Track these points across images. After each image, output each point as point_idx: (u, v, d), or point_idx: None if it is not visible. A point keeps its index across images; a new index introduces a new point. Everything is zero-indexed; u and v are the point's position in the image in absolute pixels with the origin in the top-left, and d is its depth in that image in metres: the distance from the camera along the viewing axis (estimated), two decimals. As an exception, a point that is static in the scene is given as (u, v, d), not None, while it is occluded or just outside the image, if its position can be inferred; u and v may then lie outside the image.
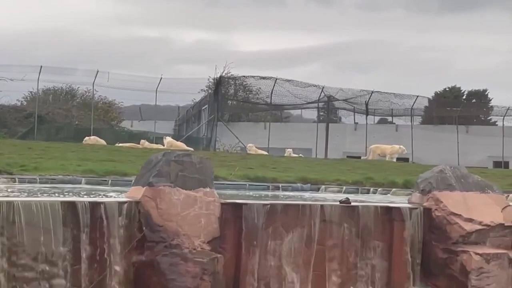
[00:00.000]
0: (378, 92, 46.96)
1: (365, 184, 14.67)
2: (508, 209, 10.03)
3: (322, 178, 14.89)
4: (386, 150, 41.58)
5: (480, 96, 67.78)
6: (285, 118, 59.40)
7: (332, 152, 50.50)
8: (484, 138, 52.38)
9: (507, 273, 9.54)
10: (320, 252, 9.18)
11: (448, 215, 9.79)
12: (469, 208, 9.89)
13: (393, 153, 41.32)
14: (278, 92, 47.63)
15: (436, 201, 9.93)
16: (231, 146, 42.03)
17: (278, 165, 18.88)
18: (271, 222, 8.85)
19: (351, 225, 9.39)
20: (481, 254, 9.47)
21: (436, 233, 9.83)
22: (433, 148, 52.25)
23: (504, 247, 9.78)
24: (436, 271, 9.75)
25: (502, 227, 9.82)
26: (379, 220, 9.57)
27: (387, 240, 9.60)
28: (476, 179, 10.37)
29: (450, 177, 10.21)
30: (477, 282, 9.42)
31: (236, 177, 14.11)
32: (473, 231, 9.71)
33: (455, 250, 9.62)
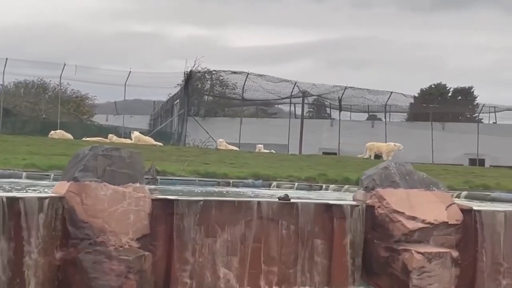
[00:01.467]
0: (351, 88, 46.91)
1: (318, 180, 14.55)
2: (452, 207, 9.93)
3: (275, 174, 14.76)
4: (381, 148, 41.40)
5: (466, 94, 67.91)
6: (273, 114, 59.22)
7: (308, 148, 50.47)
8: (460, 135, 52.51)
9: (449, 273, 9.43)
10: (257, 250, 9.05)
11: (391, 212, 9.67)
12: (413, 205, 9.79)
13: (389, 151, 41.08)
14: (251, 87, 47.49)
15: (379, 198, 9.81)
16: (201, 141, 41.87)
17: (237, 160, 18.74)
18: (204, 219, 8.71)
19: (290, 222, 9.26)
20: (423, 253, 9.36)
21: (379, 231, 9.72)
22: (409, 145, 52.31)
23: (448, 246, 9.68)
24: (378, 270, 9.63)
25: (446, 225, 9.72)
26: (319, 218, 9.44)
27: (328, 238, 9.48)
28: (421, 176, 10.27)
29: (395, 174, 10.10)
30: (419, 282, 9.32)
31: (186, 172, 13.95)
32: (416, 229, 9.60)
33: (397, 249, 9.50)
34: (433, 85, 67.67)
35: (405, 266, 9.37)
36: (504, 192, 14.02)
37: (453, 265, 9.48)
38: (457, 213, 9.87)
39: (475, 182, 15.01)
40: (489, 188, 14.41)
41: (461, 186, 14.59)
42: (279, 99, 46.75)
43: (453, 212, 9.88)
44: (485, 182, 14.89)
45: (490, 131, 52.20)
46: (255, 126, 56.15)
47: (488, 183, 14.86)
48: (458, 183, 14.84)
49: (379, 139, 51.77)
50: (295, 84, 44.69)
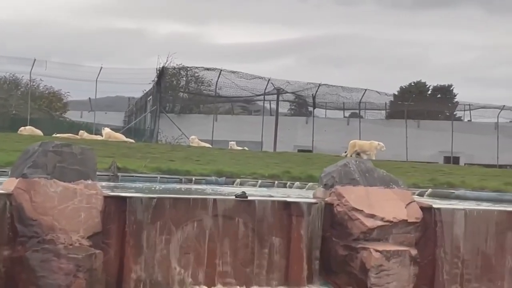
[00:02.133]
0: (325, 85, 46.93)
1: (282, 177, 14.49)
2: (412, 205, 9.89)
3: (239, 171, 14.68)
4: (364, 146, 41.13)
5: (445, 92, 68.14)
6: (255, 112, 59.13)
7: (283, 145, 50.44)
8: (435, 133, 52.71)
9: (408, 271, 9.39)
10: (212, 249, 8.97)
11: (349, 210, 9.61)
12: (372, 203, 9.73)
13: (372, 150, 40.85)
14: (226, 84, 47.40)
15: (338, 196, 9.76)
16: (174, 138, 41.71)
17: (204, 157, 18.64)
18: (158, 216, 8.62)
19: (247, 220, 9.18)
20: (381, 251, 9.31)
21: (338, 229, 9.66)
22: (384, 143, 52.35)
23: (407, 244, 9.64)
24: (336, 268, 9.58)
25: (405, 223, 9.67)
26: (277, 215, 9.37)
27: (285, 236, 9.40)
28: (381, 173, 10.22)
29: (354, 171, 10.05)
30: (377, 280, 9.27)
31: (148, 169, 13.84)
32: (374, 227, 9.55)
33: (355, 247, 9.45)
34: (412, 83, 67.86)
35: (363, 264, 9.32)
36: (469, 190, 14.04)
37: (412, 263, 9.43)
38: (416, 211, 9.83)
39: (440, 180, 15.01)
40: (453, 186, 14.41)
41: (426, 183, 14.58)
42: (253, 96, 46.71)
43: (412, 210, 9.84)
44: (449, 180, 14.89)
45: (465, 129, 52.46)
46: (230, 123, 56.04)
47: (453, 181, 14.85)
48: (423, 180, 14.82)
49: (355, 137, 51.82)
50: (269, 80, 44.63)
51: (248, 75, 44.44)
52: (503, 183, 14.74)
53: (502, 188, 14.12)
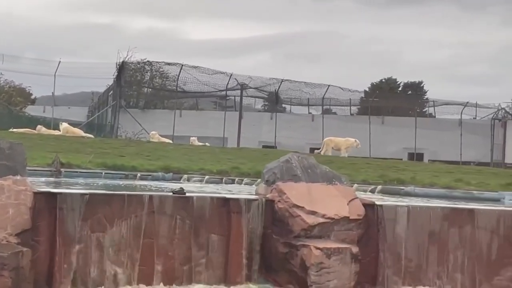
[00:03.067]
0: (288, 81, 46.86)
1: (230, 173, 14.37)
2: (354, 202, 9.80)
3: (186, 167, 14.53)
4: (340, 143, 40.81)
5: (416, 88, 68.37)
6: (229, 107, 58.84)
7: (248, 141, 50.27)
8: (399, 130, 52.84)
9: (349, 269, 9.30)
10: (149, 246, 8.82)
11: (290, 207, 9.50)
12: (313, 200, 9.64)
13: (348, 147, 40.58)
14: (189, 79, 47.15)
15: (280, 192, 9.64)
16: (134, 134, 41.43)
17: (156, 153, 18.46)
18: (91, 213, 8.45)
19: (184, 217, 9.04)
20: (322, 249, 9.21)
21: (278, 226, 9.55)
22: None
23: (349, 242, 9.55)
24: (277, 266, 9.47)
25: (347, 220, 9.58)
26: (216, 212, 9.24)
27: (224, 234, 9.28)
28: (324, 169, 10.14)
29: (296, 167, 9.95)
30: (317, 278, 9.17)
31: (93, 165, 13.64)
32: (315, 224, 9.45)
33: (295, 244, 9.35)
34: (383, 80, 68.08)
35: (304, 262, 9.22)
36: (419, 186, 14.02)
37: (353, 261, 9.34)
38: (359, 208, 9.75)
39: (390, 176, 14.97)
40: (403, 182, 14.36)
41: (375, 180, 14.52)
42: (216, 92, 46.53)
43: (355, 206, 9.75)
44: (400, 177, 14.85)
45: (429, 126, 52.65)
46: (195, 118, 55.79)
47: (403, 177, 14.82)
48: (373, 177, 14.78)
49: (319, 132, 51.88)
50: (231, 76, 44.49)
51: (210, 70, 44.29)
52: (453, 180, 14.72)
53: (452, 185, 14.11)
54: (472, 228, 9.97)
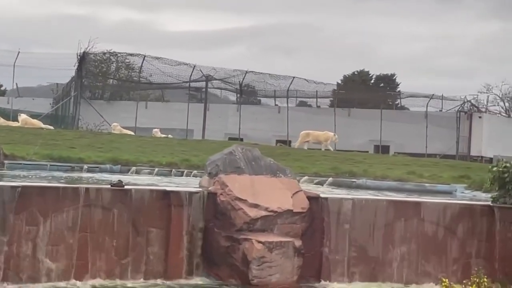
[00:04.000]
0: (252, 72, 46.58)
1: (180, 166, 14.21)
2: (299, 194, 9.70)
3: (136, 159, 14.35)
4: (319, 137, 40.34)
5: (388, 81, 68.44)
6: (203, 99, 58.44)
7: (214, 133, 49.97)
8: (365, 122, 52.84)
9: (292, 263, 9.20)
10: (84, 240, 8.66)
11: (233, 200, 9.38)
12: (257, 192, 9.52)
13: (326, 140, 40.20)
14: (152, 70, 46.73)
15: (222, 185, 9.52)
16: (95, 125, 41.01)
17: (109, 145, 18.24)
18: (24, 206, 8.27)
19: (122, 210, 8.89)
20: (264, 243, 9.10)
21: (221, 219, 9.42)
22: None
23: (293, 235, 9.45)
24: (219, 260, 9.34)
25: (291, 213, 9.48)
26: (156, 205, 9.11)
27: (164, 227, 9.14)
28: (268, 162, 10.03)
29: (240, 159, 9.83)
30: (259, 272, 9.06)
31: (39, 156, 13.42)
32: (258, 217, 9.34)
33: (237, 238, 9.23)
34: (355, 72, 68.07)
35: (245, 256, 9.10)
36: (370, 179, 13.95)
37: (296, 255, 9.24)
38: (303, 200, 9.65)
39: (342, 168, 14.87)
40: (355, 175, 14.28)
41: (328, 172, 14.44)
42: (180, 83, 46.19)
43: (299, 199, 9.65)
44: (352, 169, 14.75)
45: (395, 118, 52.68)
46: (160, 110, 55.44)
47: (355, 169, 14.72)
48: (326, 169, 14.69)
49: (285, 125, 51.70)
50: (194, 67, 44.17)
51: (173, 61, 43.96)
52: (406, 172, 14.67)
53: (404, 178, 14.05)
54: (418, 221, 9.90)
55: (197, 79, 46.25)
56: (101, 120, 42.15)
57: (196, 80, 45.85)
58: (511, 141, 53.20)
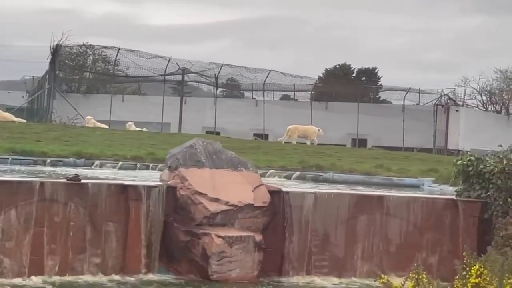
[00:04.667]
0: (228, 66, 46.47)
1: (145, 159, 14.09)
2: (260, 188, 9.60)
3: (100, 153, 14.21)
4: (307, 131, 40.16)
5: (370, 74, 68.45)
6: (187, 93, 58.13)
7: (191, 126, 49.80)
8: (343, 116, 52.83)
9: (252, 258, 9.11)
10: (40, 235, 8.52)
11: (192, 194, 9.27)
12: (217, 186, 9.42)
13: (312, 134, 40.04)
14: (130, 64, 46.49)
15: (182, 178, 9.41)
16: (69, 119, 40.79)
17: (76, 138, 18.08)
18: (-24, 200, 8.12)
19: (79, 204, 8.76)
20: (224, 237, 9.01)
21: (181, 214, 9.32)
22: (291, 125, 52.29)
23: (254, 230, 9.35)
24: (178, 255, 9.24)
25: (251, 207, 9.38)
26: (113, 199, 8.98)
27: (123, 222, 9.02)
28: (229, 155, 9.92)
29: (200, 152, 9.72)
30: (218, 268, 8.97)
31: (0, 150, 13.23)
32: (218, 212, 9.24)
33: (197, 233, 9.13)
34: (337, 66, 68.01)
35: (205, 251, 9.00)
36: (338, 172, 13.88)
37: (257, 249, 9.15)
38: (264, 194, 9.56)
39: (309, 162, 14.78)
40: (322, 168, 14.20)
41: (295, 166, 14.37)
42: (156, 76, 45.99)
43: (260, 193, 9.56)
44: (319, 163, 14.67)
45: (372, 112, 52.73)
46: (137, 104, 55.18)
47: (322, 163, 14.63)
48: (293, 163, 14.61)
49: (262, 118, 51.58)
50: (169, 60, 43.97)
51: (147, 54, 43.76)
52: (374, 166, 14.60)
53: (371, 171, 13.98)
54: (381, 215, 9.83)
55: (173, 72, 46.07)
56: (75, 113, 41.92)
57: (172, 73, 45.68)
58: (488, 134, 53.35)
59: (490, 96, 59.27)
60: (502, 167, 10.00)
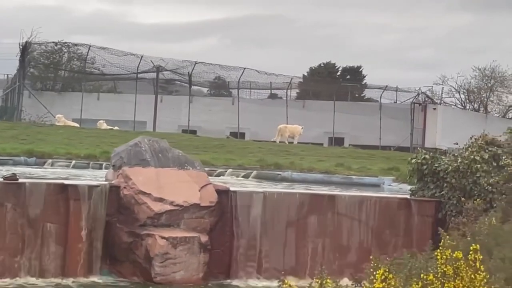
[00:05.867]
0: (202, 63, 46.13)
1: (99, 158, 13.86)
2: (207, 188, 9.40)
3: (53, 151, 13.96)
4: (295, 130, 40.20)
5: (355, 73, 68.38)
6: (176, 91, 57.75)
7: (167, 125, 49.45)
8: (320, 114, 52.69)
9: (197, 259, 8.91)
10: (-27, 237, 8.29)
11: (136, 194, 9.07)
12: (162, 186, 9.22)
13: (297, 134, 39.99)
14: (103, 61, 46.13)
15: (126, 178, 9.20)
16: (38, 117, 40.43)
17: (34, 137, 17.80)
18: None
19: (15, 204, 8.53)
20: (168, 238, 8.80)
21: (124, 214, 9.11)
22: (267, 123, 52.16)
23: (201, 230, 9.16)
24: (121, 257, 9.03)
25: (198, 207, 9.18)
26: (53, 199, 8.75)
27: (63, 222, 8.80)
28: (176, 154, 9.72)
29: (146, 151, 9.51)
30: (162, 269, 8.76)
31: None
32: (163, 212, 9.03)
33: (140, 234, 8.92)
34: (322, 64, 67.87)
35: (148, 252, 8.80)
36: (296, 171, 13.70)
37: (202, 250, 8.96)
38: (211, 194, 9.36)
39: (268, 161, 14.58)
40: (281, 167, 14.00)
41: (253, 164, 14.17)
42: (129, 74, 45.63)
43: (207, 193, 9.36)
44: (277, 161, 14.46)
45: (349, 110, 52.59)
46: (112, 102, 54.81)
47: (280, 162, 14.42)
48: (252, 162, 14.42)
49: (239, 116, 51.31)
50: (141, 58, 43.64)
51: (119, 51, 43.38)
52: (334, 165, 14.40)
53: (331, 170, 13.79)
54: (332, 215, 9.66)
55: (148, 70, 45.74)
56: (45, 111, 41.57)
57: (146, 71, 45.35)
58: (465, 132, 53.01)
59: (468, 94, 59.22)
60: (456, 165, 9.85)
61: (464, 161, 9.84)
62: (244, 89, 52.65)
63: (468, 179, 9.74)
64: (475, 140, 10.36)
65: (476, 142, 10.21)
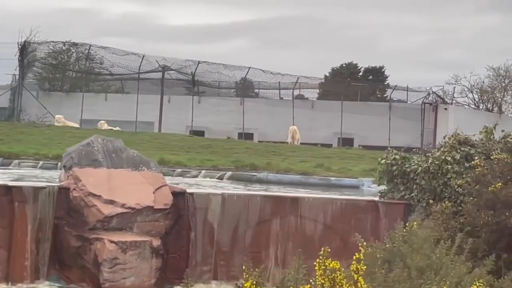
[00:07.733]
0: (205, 63, 45.90)
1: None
2: (162, 189, 9.09)
3: (20, 151, 13.71)
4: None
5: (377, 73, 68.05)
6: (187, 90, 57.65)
7: (175, 126, 49.23)
8: (329, 114, 52.33)
9: (149, 264, 8.61)
10: None
11: (86, 196, 8.76)
12: (114, 188, 8.91)
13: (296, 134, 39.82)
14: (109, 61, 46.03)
15: (75, 179, 8.90)
16: (38, 117, 40.36)
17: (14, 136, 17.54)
18: None
19: (-44, 207, 8.26)
20: (117, 243, 8.50)
21: (74, 217, 8.82)
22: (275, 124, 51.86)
23: (155, 234, 8.86)
24: (70, 261, 8.74)
25: (151, 210, 8.87)
26: (-4, 202, 8.47)
27: (7, 226, 8.52)
28: (131, 154, 9.41)
29: (98, 151, 9.20)
30: (111, 275, 8.46)
31: None
32: (113, 215, 8.73)
33: (88, 238, 8.62)
34: (344, 64, 67.57)
35: (96, 257, 8.50)
36: (273, 172, 13.36)
37: (154, 255, 8.65)
38: (167, 196, 9.05)
39: (244, 161, 14.23)
40: (256, 168, 13.67)
41: (228, 165, 13.84)
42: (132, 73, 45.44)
43: (162, 195, 9.04)
44: (253, 162, 14.11)
45: (359, 110, 52.21)
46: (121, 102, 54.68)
47: (256, 162, 14.08)
48: (227, 162, 14.08)
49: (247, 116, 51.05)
50: (143, 57, 43.44)
51: (120, 51, 43.22)
52: (314, 165, 14.03)
53: (309, 171, 13.43)
54: (295, 218, 9.33)
55: (153, 69, 45.55)
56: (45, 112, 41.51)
57: (151, 70, 45.15)
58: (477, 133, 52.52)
59: (482, 94, 58.57)
60: (426, 166, 9.51)
61: (435, 162, 9.49)
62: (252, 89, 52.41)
63: (438, 180, 9.40)
64: (448, 139, 10.00)
65: (448, 141, 9.85)
